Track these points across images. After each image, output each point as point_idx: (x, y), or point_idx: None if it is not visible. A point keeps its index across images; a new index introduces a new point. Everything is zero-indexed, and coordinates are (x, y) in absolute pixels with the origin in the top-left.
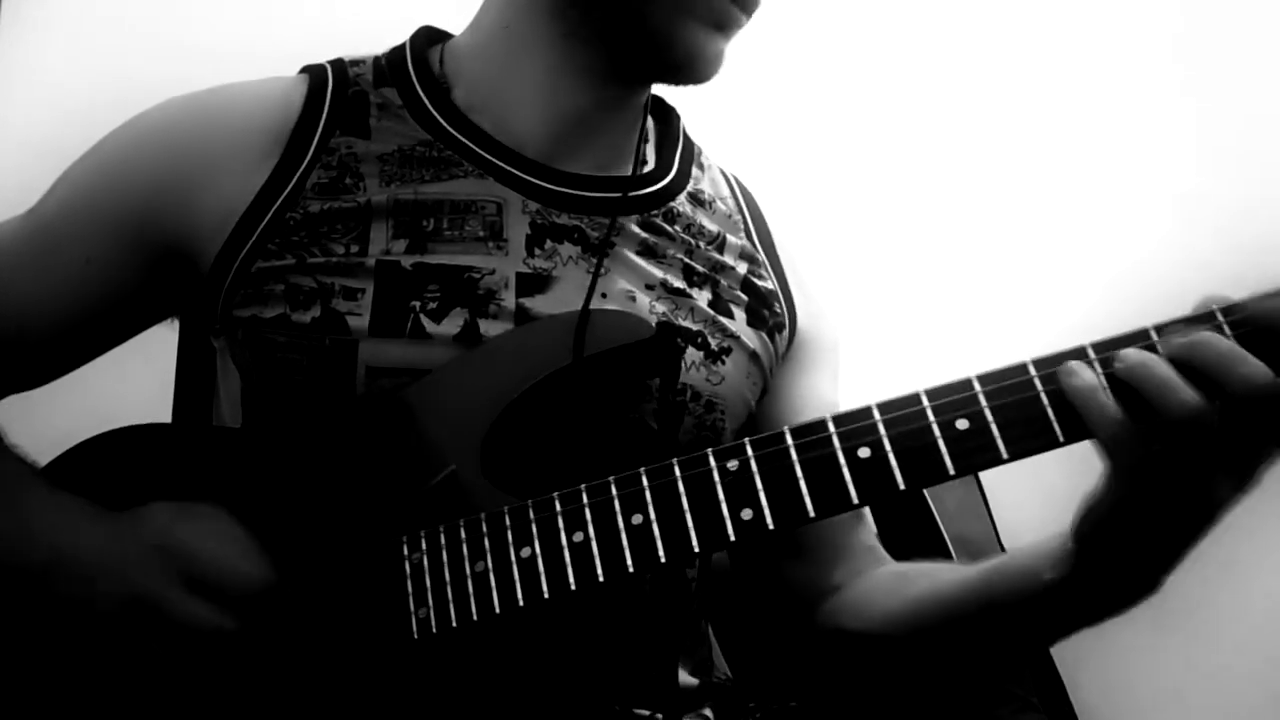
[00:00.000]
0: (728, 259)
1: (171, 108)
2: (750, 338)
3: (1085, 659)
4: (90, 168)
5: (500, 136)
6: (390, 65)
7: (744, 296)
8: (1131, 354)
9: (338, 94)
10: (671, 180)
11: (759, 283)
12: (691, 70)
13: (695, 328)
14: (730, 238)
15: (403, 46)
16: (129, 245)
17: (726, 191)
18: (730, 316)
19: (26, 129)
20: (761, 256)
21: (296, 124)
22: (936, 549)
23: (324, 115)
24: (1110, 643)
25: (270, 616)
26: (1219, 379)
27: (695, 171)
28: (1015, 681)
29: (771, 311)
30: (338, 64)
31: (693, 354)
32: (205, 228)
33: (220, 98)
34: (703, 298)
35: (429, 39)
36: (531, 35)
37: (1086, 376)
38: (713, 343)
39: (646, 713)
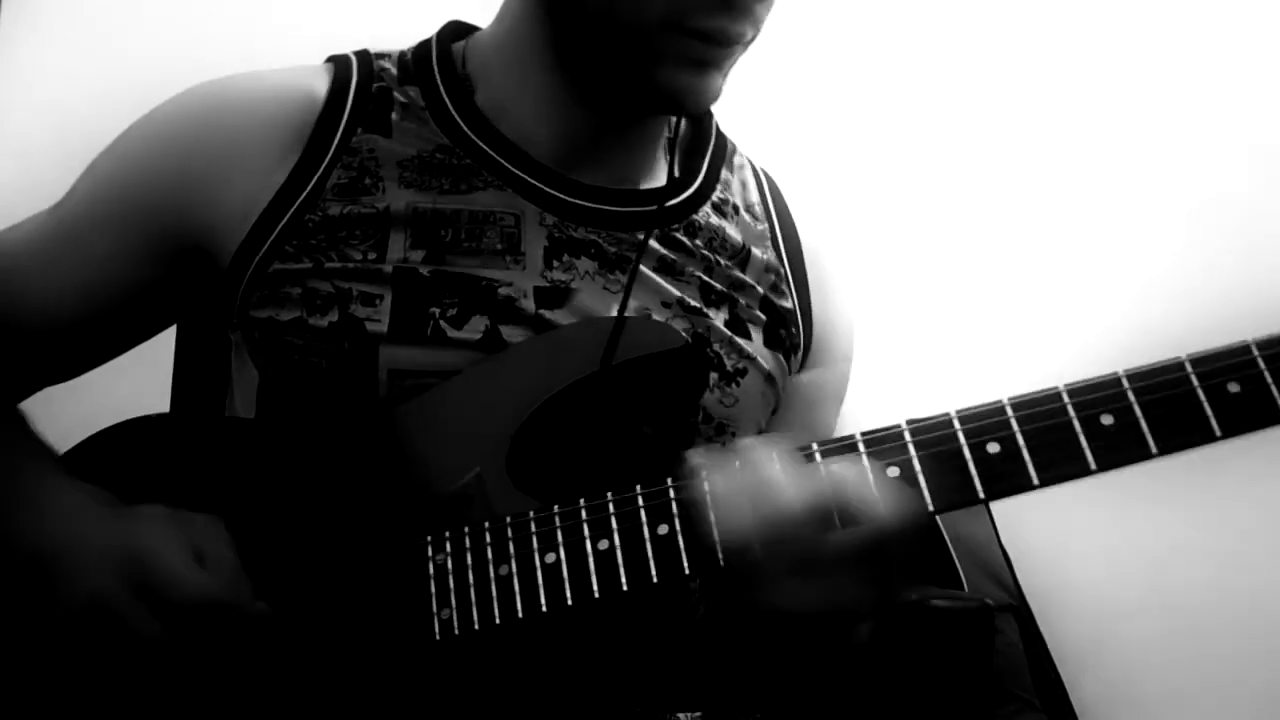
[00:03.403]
0: (749, 277)
1: (193, 99)
2: (767, 359)
3: (1085, 659)
4: (112, 162)
5: (521, 143)
6: (415, 62)
7: (762, 316)
8: None
9: (362, 89)
10: (696, 190)
11: (779, 302)
12: (680, 108)
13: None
14: (754, 251)
15: (428, 42)
16: (152, 240)
17: (755, 195)
18: (747, 337)
19: (26, 129)
20: (785, 269)
21: (319, 120)
22: (936, 547)
23: (347, 111)
24: (1110, 643)
25: (219, 628)
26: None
27: (725, 174)
28: (1016, 683)
29: (789, 332)
30: (363, 56)
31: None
32: (225, 224)
33: (242, 89)
34: (719, 317)
35: (455, 34)
36: (534, 57)
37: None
38: (728, 364)
39: (687, 715)
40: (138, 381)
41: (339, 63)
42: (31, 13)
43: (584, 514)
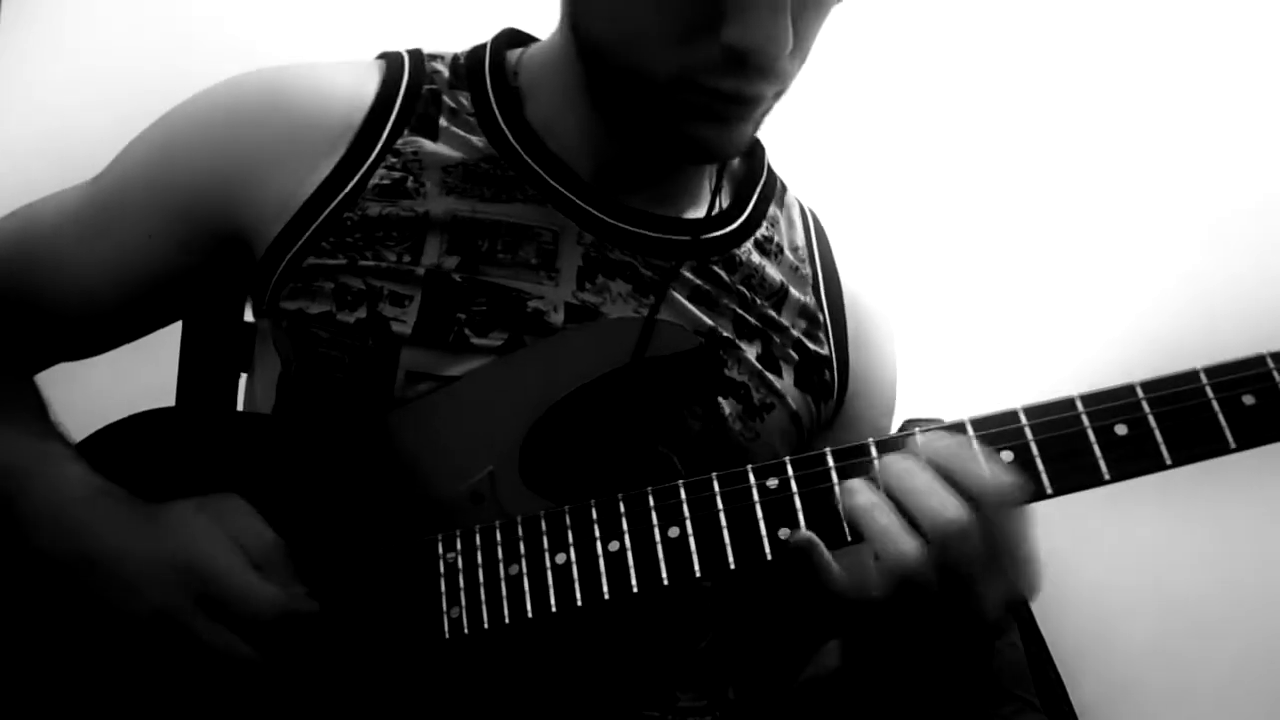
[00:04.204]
0: (784, 318)
1: (241, 87)
2: (796, 399)
3: (1085, 659)
4: (155, 142)
5: (566, 157)
6: (468, 68)
7: (795, 356)
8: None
9: (411, 90)
10: (740, 226)
11: (812, 347)
12: (709, 158)
13: (739, 379)
14: (793, 292)
15: (483, 48)
16: (190, 225)
17: (801, 238)
18: (779, 374)
19: (25, 130)
20: (824, 316)
21: (366, 118)
22: None
23: (395, 112)
24: (1110, 643)
25: (290, 637)
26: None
27: (773, 211)
28: (1016, 683)
29: (821, 377)
30: (416, 56)
31: (731, 406)
32: (263, 215)
33: (292, 81)
34: (752, 351)
35: (510, 42)
36: (577, 89)
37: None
38: (755, 397)
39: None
40: (140, 371)
41: (391, 60)
42: (31, 14)
43: (594, 514)
